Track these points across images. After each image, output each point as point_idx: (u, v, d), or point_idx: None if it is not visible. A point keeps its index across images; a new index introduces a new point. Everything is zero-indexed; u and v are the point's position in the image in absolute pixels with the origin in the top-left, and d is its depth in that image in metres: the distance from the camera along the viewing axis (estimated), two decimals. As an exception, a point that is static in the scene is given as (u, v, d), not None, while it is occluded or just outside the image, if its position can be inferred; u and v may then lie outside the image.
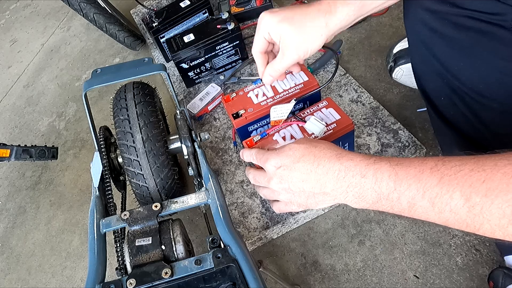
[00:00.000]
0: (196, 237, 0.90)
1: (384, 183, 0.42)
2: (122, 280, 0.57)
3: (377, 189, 0.43)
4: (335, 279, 0.76)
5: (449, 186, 0.37)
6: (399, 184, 0.41)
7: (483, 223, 0.36)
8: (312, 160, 0.49)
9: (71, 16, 1.78)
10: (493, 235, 0.36)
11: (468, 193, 0.36)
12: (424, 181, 0.39)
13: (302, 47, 0.58)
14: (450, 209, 0.38)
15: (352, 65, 1.08)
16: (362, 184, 0.44)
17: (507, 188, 0.34)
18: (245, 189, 0.88)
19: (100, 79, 0.79)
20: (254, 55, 0.64)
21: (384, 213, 0.81)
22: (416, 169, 0.41)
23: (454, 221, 0.38)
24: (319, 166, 0.48)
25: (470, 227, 0.37)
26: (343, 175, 0.46)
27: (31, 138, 1.33)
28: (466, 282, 0.70)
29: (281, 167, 0.52)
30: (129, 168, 0.74)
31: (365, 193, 0.44)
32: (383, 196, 0.43)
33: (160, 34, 1.16)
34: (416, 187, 0.40)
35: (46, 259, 1.00)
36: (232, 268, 0.56)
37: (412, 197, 0.40)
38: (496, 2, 0.51)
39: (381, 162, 0.44)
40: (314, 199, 0.51)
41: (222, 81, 1.10)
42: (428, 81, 0.70)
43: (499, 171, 0.35)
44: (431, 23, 0.60)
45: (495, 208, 0.35)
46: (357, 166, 0.45)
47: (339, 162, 0.47)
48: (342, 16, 0.55)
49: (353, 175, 0.45)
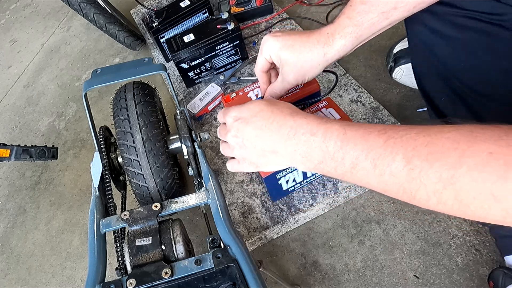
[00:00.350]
0: (196, 237, 0.90)
1: (332, 142, 0.43)
2: (122, 280, 0.57)
3: (324, 147, 0.43)
4: (335, 279, 0.76)
5: (393, 148, 0.38)
6: (346, 143, 0.42)
7: (419, 189, 0.36)
8: (268, 116, 0.50)
9: (71, 16, 1.78)
10: (427, 203, 0.36)
11: (410, 156, 0.36)
12: (370, 142, 0.39)
13: (301, 75, 0.61)
14: (390, 172, 0.38)
15: (352, 65, 1.08)
16: (310, 142, 0.45)
17: (448, 152, 0.34)
18: (245, 189, 0.88)
19: (100, 79, 0.79)
20: (257, 74, 0.67)
21: (384, 213, 0.81)
22: (365, 130, 0.41)
23: (392, 186, 0.38)
24: (273, 122, 0.49)
25: (407, 193, 0.37)
26: (293, 132, 0.46)
27: (31, 138, 1.33)
28: (466, 282, 0.70)
29: (239, 119, 0.53)
30: (129, 168, 0.74)
31: (312, 152, 0.45)
32: (328, 155, 0.43)
33: (160, 34, 1.16)
34: (362, 147, 0.40)
35: (46, 259, 1.00)
36: (232, 268, 0.56)
37: (356, 157, 0.40)
38: (496, 2, 0.51)
39: (333, 122, 0.45)
40: (264, 158, 0.51)
41: (222, 81, 1.10)
42: (428, 81, 0.70)
43: (443, 136, 0.35)
44: (431, 23, 0.60)
45: (433, 172, 0.34)
46: (309, 124, 0.46)
47: (293, 119, 0.47)
48: (340, 47, 0.58)
49: (303, 132, 0.46)
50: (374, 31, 0.57)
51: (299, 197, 0.83)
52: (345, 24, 0.56)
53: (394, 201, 0.82)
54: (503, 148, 0.31)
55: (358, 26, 0.56)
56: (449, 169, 0.33)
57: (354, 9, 0.56)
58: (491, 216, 0.32)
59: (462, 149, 0.33)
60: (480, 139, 0.33)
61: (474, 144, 0.33)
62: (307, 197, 0.82)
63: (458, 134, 0.34)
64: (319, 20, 1.22)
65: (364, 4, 0.55)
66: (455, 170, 0.33)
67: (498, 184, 0.31)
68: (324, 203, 0.82)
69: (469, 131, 0.34)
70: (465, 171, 0.32)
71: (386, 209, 0.82)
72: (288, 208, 0.82)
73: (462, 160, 0.33)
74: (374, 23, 0.56)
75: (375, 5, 0.54)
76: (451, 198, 0.34)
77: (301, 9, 1.29)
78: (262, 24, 1.23)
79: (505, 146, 0.31)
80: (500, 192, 0.31)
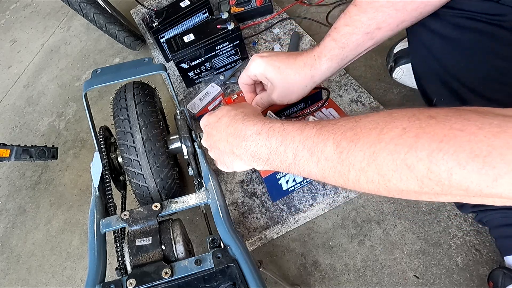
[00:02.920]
0: (196, 237, 0.90)
1: (274, 138, 0.46)
2: (122, 280, 0.57)
3: (268, 144, 0.47)
4: (335, 279, 0.76)
5: (324, 135, 0.41)
6: (286, 137, 0.45)
7: (349, 170, 0.39)
8: (226, 121, 0.53)
9: (71, 16, 1.78)
10: (358, 183, 0.39)
11: (339, 140, 0.39)
12: (306, 133, 0.43)
13: (287, 96, 0.65)
14: (325, 157, 0.41)
15: (352, 65, 1.08)
16: (257, 141, 0.48)
17: (369, 132, 0.37)
18: (245, 189, 0.88)
19: (100, 79, 0.79)
20: (240, 85, 0.70)
21: (384, 213, 0.81)
22: (301, 124, 0.45)
23: (328, 171, 0.41)
24: (230, 126, 0.52)
25: (341, 176, 0.40)
26: (243, 134, 0.50)
27: (31, 138, 1.33)
28: (466, 282, 0.70)
29: (208, 125, 0.57)
30: (129, 168, 0.74)
31: (259, 150, 0.48)
32: (273, 150, 0.46)
33: (160, 34, 1.16)
34: (299, 138, 0.44)
35: (46, 259, 1.00)
36: (232, 268, 0.56)
37: (295, 148, 0.44)
38: (495, 3, 0.51)
39: (276, 122, 0.48)
40: (228, 159, 0.55)
41: (222, 81, 1.10)
42: (428, 81, 0.70)
43: (366, 119, 0.39)
44: (431, 24, 0.61)
45: (357, 150, 0.37)
46: (255, 125, 0.49)
47: (243, 123, 0.51)
48: (326, 69, 0.61)
49: (251, 134, 0.49)
50: (360, 51, 0.59)
51: (299, 197, 0.83)
52: (331, 46, 0.59)
53: (394, 201, 0.82)
54: (415, 123, 0.34)
55: (344, 48, 0.58)
56: (370, 146, 0.36)
57: (338, 31, 0.58)
58: (411, 187, 0.35)
59: (381, 128, 0.37)
60: (396, 118, 0.36)
61: (391, 123, 0.36)
62: (307, 197, 0.82)
63: (379, 116, 0.38)
64: (319, 20, 1.22)
65: (348, 26, 0.57)
66: (375, 146, 0.36)
67: (409, 154, 0.34)
68: (324, 203, 0.82)
69: (388, 113, 0.38)
70: (383, 146, 0.35)
71: (386, 209, 0.82)
72: (288, 208, 0.82)
73: (381, 137, 0.36)
74: (359, 44, 0.58)
75: (359, 26, 0.56)
76: (375, 174, 0.37)
77: (301, 9, 1.29)
78: (262, 24, 1.23)
79: (417, 121, 0.34)
80: (411, 160, 0.33)
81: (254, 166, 0.52)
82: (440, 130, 0.33)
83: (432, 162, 0.32)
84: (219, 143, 0.54)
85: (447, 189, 0.33)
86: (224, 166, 0.58)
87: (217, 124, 0.55)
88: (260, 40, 1.18)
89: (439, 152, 0.32)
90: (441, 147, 0.32)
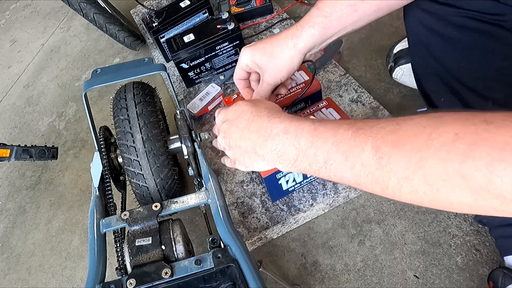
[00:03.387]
0: (196, 237, 0.90)
1: (303, 138, 0.43)
2: (122, 280, 0.57)
3: (297, 144, 0.44)
4: (335, 279, 0.76)
5: (362, 138, 0.38)
6: (317, 138, 0.42)
7: (390, 177, 0.35)
8: (248, 117, 0.50)
9: (71, 16, 1.78)
10: (399, 192, 0.35)
11: (378, 144, 0.36)
12: (340, 134, 0.40)
13: (276, 73, 0.63)
14: (361, 163, 0.37)
15: (352, 65, 1.08)
16: (284, 140, 0.45)
17: (415, 136, 0.34)
18: (245, 189, 0.88)
19: (100, 79, 0.79)
20: (235, 81, 0.71)
21: (384, 213, 0.81)
22: (334, 124, 0.41)
23: (365, 178, 0.38)
24: (252, 123, 0.49)
25: (379, 184, 0.37)
26: (269, 132, 0.47)
27: (31, 138, 1.33)
28: (466, 282, 0.70)
29: (225, 121, 0.54)
30: (129, 168, 0.74)
31: (286, 150, 0.45)
32: (301, 152, 0.43)
33: (160, 34, 1.16)
34: (332, 141, 0.40)
35: (46, 259, 1.00)
36: (232, 268, 0.56)
37: (327, 151, 0.41)
38: (496, 2, 0.51)
39: (305, 120, 0.45)
40: (249, 159, 0.52)
41: (222, 81, 1.10)
42: (428, 81, 0.70)
43: (410, 122, 0.35)
44: (430, 23, 0.61)
45: (401, 157, 0.34)
46: (282, 123, 0.46)
47: (268, 120, 0.48)
48: (309, 36, 0.60)
49: (277, 132, 0.46)
50: (344, 24, 0.59)
51: (299, 197, 0.83)
52: (314, 14, 0.59)
53: (394, 201, 0.82)
54: (470, 128, 0.31)
55: (327, 17, 0.58)
56: (416, 152, 0.33)
57: (323, 1, 0.58)
58: (464, 199, 0.31)
59: (428, 132, 0.33)
60: (446, 122, 0.33)
61: (440, 127, 0.33)
62: (307, 197, 0.82)
63: (425, 119, 0.34)
64: (319, 20, 1.22)
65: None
66: (422, 153, 0.33)
67: (466, 163, 0.30)
68: (324, 203, 0.82)
69: (436, 116, 0.34)
70: (432, 153, 0.32)
71: (386, 209, 0.82)
72: (288, 208, 0.82)
73: (429, 142, 0.32)
74: (343, 15, 0.57)
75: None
76: (421, 183, 0.33)
77: (301, 9, 1.29)
78: (262, 24, 1.23)
79: (471, 126, 0.31)
80: (467, 170, 0.30)
81: (277, 167, 0.49)
82: (500, 137, 0.29)
83: (493, 173, 0.29)
84: (240, 141, 0.51)
85: (508, 203, 0.29)
86: (243, 166, 0.55)
87: (237, 120, 0.52)
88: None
89: (501, 162, 0.28)
90: (503, 156, 0.28)
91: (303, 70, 0.84)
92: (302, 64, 0.84)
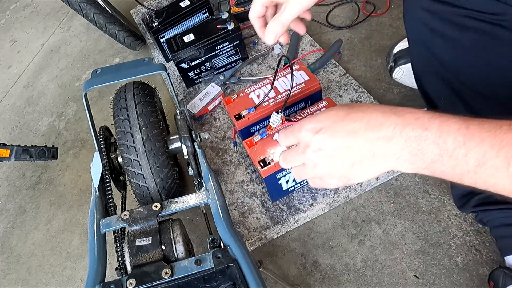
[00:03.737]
0: (196, 237, 0.90)
1: (450, 137, 0.37)
2: (122, 280, 0.57)
3: (441, 143, 0.37)
4: (335, 279, 0.76)
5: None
6: (470, 139, 0.36)
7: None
8: (361, 116, 0.42)
9: (71, 16, 1.78)
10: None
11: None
12: (502, 137, 0.35)
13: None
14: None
15: (352, 65, 1.08)
16: (423, 138, 0.38)
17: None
18: (245, 189, 0.88)
19: (100, 79, 0.79)
20: (252, 20, 0.62)
21: (384, 213, 0.81)
22: (491, 124, 0.36)
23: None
24: (370, 121, 0.42)
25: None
26: (399, 129, 0.40)
27: (31, 138, 1.33)
28: (466, 282, 0.70)
29: (321, 129, 0.45)
30: (129, 168, 0.74)
31: (425, 149, 0.38)
32: (446, 152, 0.37)
33: (160, 34, 1.16)
34: (491, 143, 0.35)
35: (46, 259, 1.00)
36: (232, 268, 0.56)
37: (483, 154, 0.35)
38: (496, 2, 0.51)
39: (447, 116, 0.39)
40: (360, 166, 0.44)
41: (222, 81, 1.10)
42: (428, 81, 0.70)
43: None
44: (431, 23, 0.60)
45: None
46: (419, 119, 0.39)
47: (396, 115, 0.41)
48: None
49: (413, 128, 0.39)
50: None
51: (299, 197, 0.83)
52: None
53: (394, 201, 0.82)
54: None
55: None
56: None
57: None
58: None
59: None
60: None
61: None
62: (307, 197, 0.82)
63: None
64: (319, 20, 1.22)
65: None
66: None
67: None
68: (324, 203, 0.82)
69: None
70: None
71: (386, 209, 0.82)
72: (288, 208, 0.82)
73: None
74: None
75: None
76: None
77: (301, 9, 1.29)
78: (262, 24, 1.23)
79: None
80: None
81: (401, 168, 0.42)
82: None
83: None
84: (347, 147, 0.43)
85: None
86: (342, 180, 0.46)
87: (342, 123, 0.43)
88: (260, 40, 1.18)
89: None
90: None
91: (303, 70, 0.84)
92: (302, 65, 0.84)
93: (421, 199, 0.81)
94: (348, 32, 1.16)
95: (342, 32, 1.17)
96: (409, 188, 0.83)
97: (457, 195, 0.71)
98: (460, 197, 0.70)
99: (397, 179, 0.85)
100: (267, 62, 1.12)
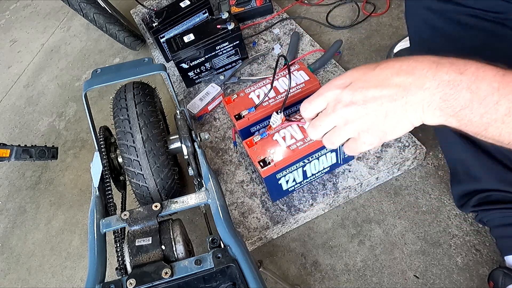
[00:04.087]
0: (196, 237, 0.90)
1: (485, 82, 0.36)
2: (122, 280, 0.57)
3: (474, 88, 0.36)
4: (335, 279, 0.76)
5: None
6: (505, 85, 0.35)
7: None
8: (392, 64, 0.41)
9: (71, 16, 1.78)
10: None
11: None
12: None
13: None
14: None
15: (352, 65, 1.08)
16: (457, 82, 0.37)
17: None
18: (245, 189, 0.88)
19: (100, 79, 0.79)
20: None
21: (384, 213, 0.81)
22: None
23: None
24: (402, 66, 0.40)
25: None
26: (432, 73, 0.38)
27: (31, 138, 1.33)
28: (466, 282, 0.70)
29: (351, 83, 0.43)
30: (129, 168, 0.74)
31: (457, 94, 0.37)
32: (478, 98, 0.36)
33: (160, 34, 1.16)
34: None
35: (46, 259, 1.00)
36: (232, 268, 0.56)
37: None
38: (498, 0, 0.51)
39: (487, 64, 0.38)
40: (394, 116, 0.41)
41: (222, 81, 1.10)
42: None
43: None
44: (433, 21, 0.60)
45: None
46: (454, 64, 0.38)
47: (428, 59, 0.39)
48: None
49: (447, 71, 0.38)
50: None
51: (299, 197, 0.83)
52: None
53: (394, 201, 0.82)
54: None
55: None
56: None
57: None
58: None
59: None
60: None
61: None
62: (307, 197, 0.82)
63: None
64: (319, 20, 1.22)
65: None
66: None
67: None
68: (324, 203, 0.82)
69: None
70: None
71: (386, 209, 0.82)
72: (288, 208, 0.82)
73: None
74: None
75: None
76: None
77: (301, 9, 1.29)
78: (262, 24, 1.23)
79: None
80: None
81: (428, 119, 0.40)
82: None
83: None
84: (380, 96, 0.41)
85: None
86: (377, 136, 0.43)
87: (372, 73, 0.42)
88: (260, 40, 1.18)
89: None
90: None
91: (303, 70, 0.84)
92: (302, 65, 0.84)
93: (421, 199, 0.81)
94: (348, 32, 1.16)
95: (342, 32, 1.17)
96: (409, 188, 0.83)
97: (457, 195, 0.71)
98: (460, 197, 0.70)
99: (397, 179, 0.85)
100: (267, 62, 1.12)
